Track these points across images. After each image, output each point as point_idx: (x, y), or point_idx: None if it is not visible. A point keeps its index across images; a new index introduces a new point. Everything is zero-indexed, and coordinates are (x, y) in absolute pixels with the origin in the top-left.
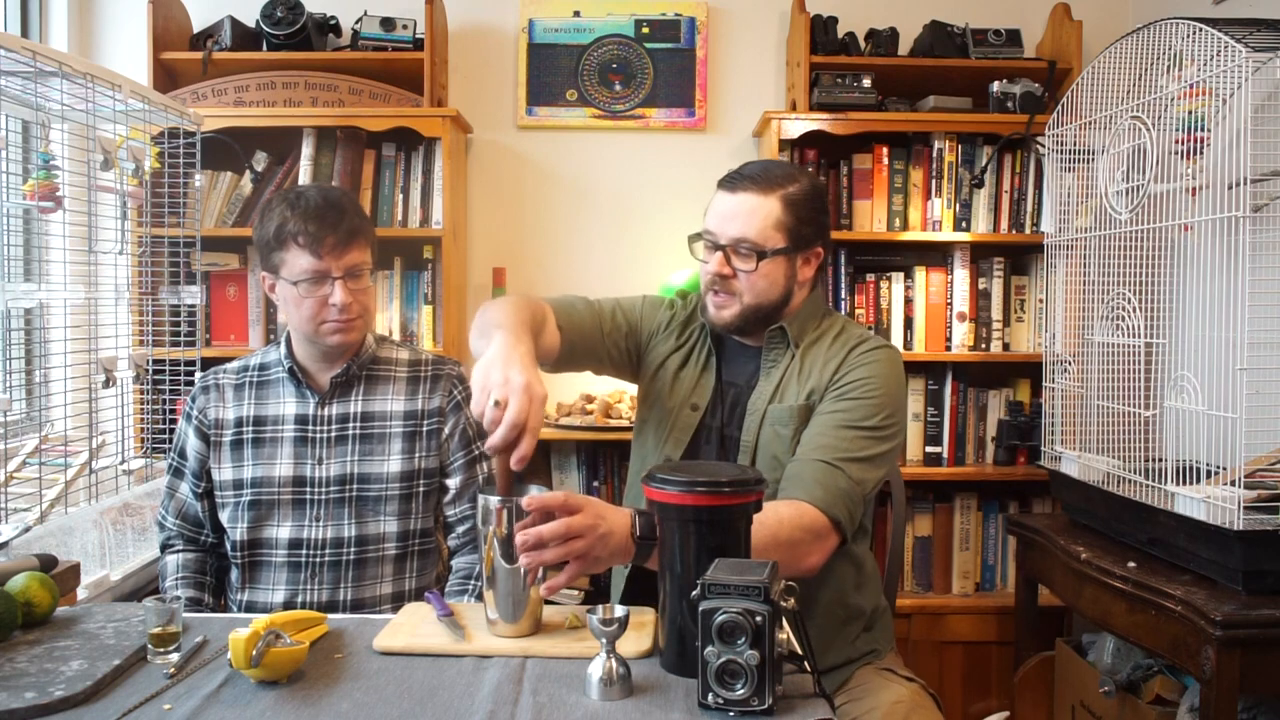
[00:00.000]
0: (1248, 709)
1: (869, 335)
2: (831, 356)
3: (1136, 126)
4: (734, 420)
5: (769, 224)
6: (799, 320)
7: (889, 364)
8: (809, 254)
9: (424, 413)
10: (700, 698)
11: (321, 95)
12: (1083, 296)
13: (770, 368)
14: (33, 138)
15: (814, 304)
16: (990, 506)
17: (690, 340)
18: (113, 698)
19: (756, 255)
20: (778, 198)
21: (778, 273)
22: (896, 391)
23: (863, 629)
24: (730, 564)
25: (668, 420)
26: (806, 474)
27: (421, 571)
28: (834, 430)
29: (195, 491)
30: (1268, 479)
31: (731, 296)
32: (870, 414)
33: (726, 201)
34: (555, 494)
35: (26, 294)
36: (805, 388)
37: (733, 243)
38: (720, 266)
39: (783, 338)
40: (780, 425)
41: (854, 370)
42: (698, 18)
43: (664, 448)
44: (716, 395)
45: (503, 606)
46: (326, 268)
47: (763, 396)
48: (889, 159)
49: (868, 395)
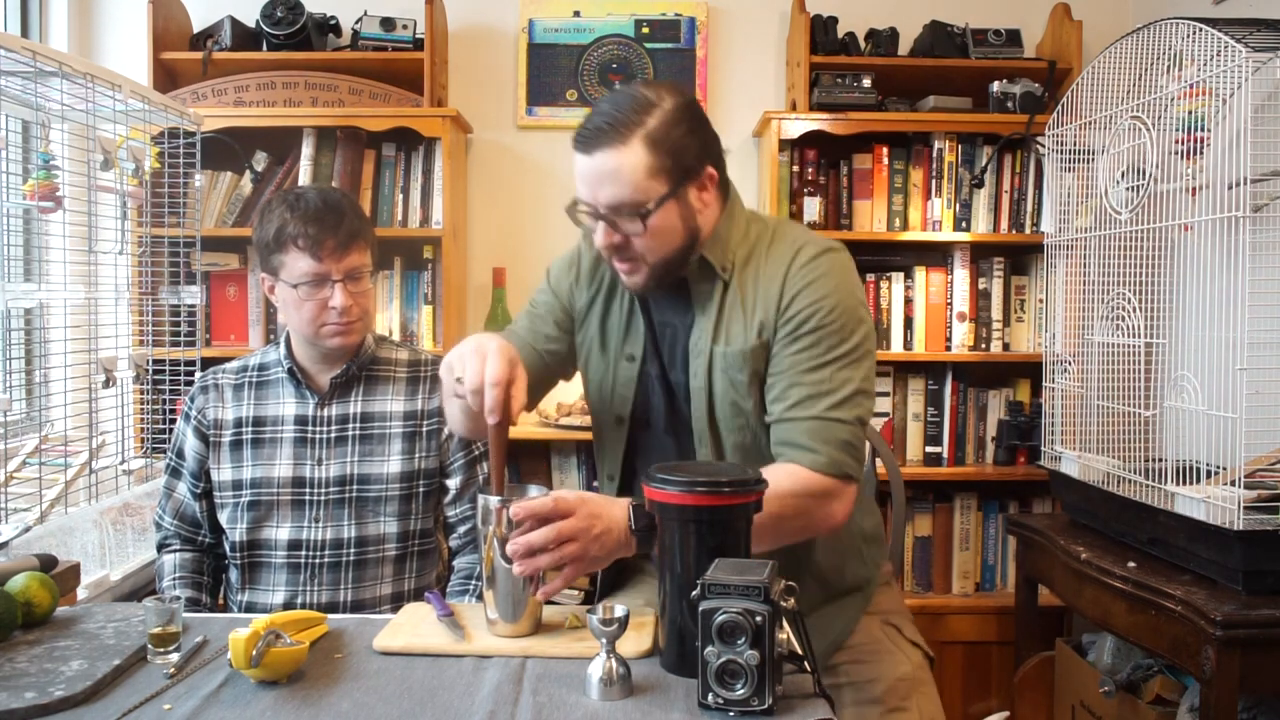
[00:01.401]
0: (1248, 709)
1: (803, 238)
2: (771, 279)
3: (1136, 126)
4: (676, 364)
5: (640, 176)
6: (718, 245)
7: (838, 273)
8: (700, 180)
9: (424, 413)
10: (700, 698)
11: (321, 95)
12: (1083, 296)
13: (704, 302)
14: (33, 138)
15: (730, 220)
16: (990, 506)
17: (604, 283)
18: (113, 698)
19: (640, 215)
20: (639, 141)
21: (672, 219)
22: (854, 301)
23: (874, 545)
24: (730, 564)
25: (608, 378)
26: (799, 436)
27: (421, 572)
28: (807, 375)
29: (193, 491)
30: (1268, 479)
31: (634, 262)
32: (838, 340)
33: (585, 165)
34: (544, 499)
35: (26, 294)
36: (752, 323)
37: (609, 210)
38: (607, 238)
39: (707, 268)
40: (735, 371)
41: (802, 295)
42: (698, 18)
43: (611, 408)
44: (651, 339)
45: (502, 607)
46: (326, 270)
47: (704, 335)
48: (889, 159)
49: (828, 321)
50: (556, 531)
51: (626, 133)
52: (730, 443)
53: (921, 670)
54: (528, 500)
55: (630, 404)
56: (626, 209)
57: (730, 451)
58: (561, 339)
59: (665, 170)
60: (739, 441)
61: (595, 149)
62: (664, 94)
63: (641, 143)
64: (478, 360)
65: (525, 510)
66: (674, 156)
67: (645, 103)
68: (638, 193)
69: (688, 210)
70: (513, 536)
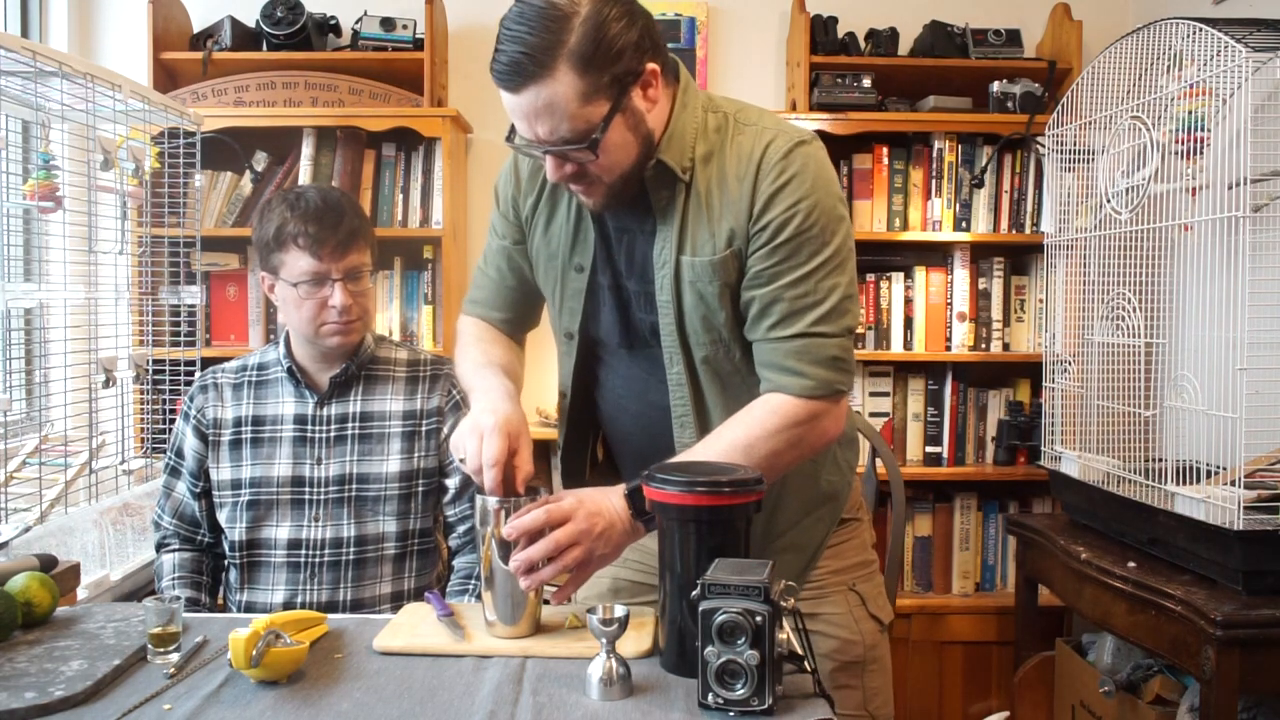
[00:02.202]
0: (1248, 709)
1: (771, 129)
2: (739, 179)
3: (1136, 126)
4: (634, 273)
5: (575, 105)
6: (675, 143)
7: (813, 169)
8: (641, 82)
9: (423, 412)
10: (700, 698)
11: (321, 95)
12: (1083, 296)
13: (665, 208)
14: (33, 138)
15: (684, 111)
16: (990, 506)
17: (546, 187)
18: (113, 698)
19: (587, 145)
20: (565, 66)
21: (622, 135)
22: (832, 199)
23: (848, 449)
24: (730, 564)
25: (556, 290)
26: (785, 358)
27: (421, 571)
28: (788, 290)
29: (192, 491)
30: (1268, 479)
31: (590, 184)
32: (820, 245)
33: (512, 101)
34: (535, 514)
35: (26, 294)
36: (720, 230)
37: (553, 145)
38: (558, 170)
39: (665, 171)
40: (704, 283)
41: (777, 200)
42: (698, 18)
43: (561, 320)
44: (603, 247)
45: (501, 608)
46: (326, 270)
47: (668, 245)
48: (889, 159)
49: (806, 226)
50: (554, 543)
51: (547, 60)
52: (700, 356)
53: (875, 648)
54: (517, 518)
55: (579, 317)
56: (571, 140)
57: (700, 366)
58: (524, 259)
59: (602, 88)
60: (709, 355)
61: (519, 86)
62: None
63: (568, 67)
64: (475, 441)
65: (516, 530)
66: (608, 68)
67: (560, 15)
68: (578, 121)
69: (636, 118)
70: (513, 553)
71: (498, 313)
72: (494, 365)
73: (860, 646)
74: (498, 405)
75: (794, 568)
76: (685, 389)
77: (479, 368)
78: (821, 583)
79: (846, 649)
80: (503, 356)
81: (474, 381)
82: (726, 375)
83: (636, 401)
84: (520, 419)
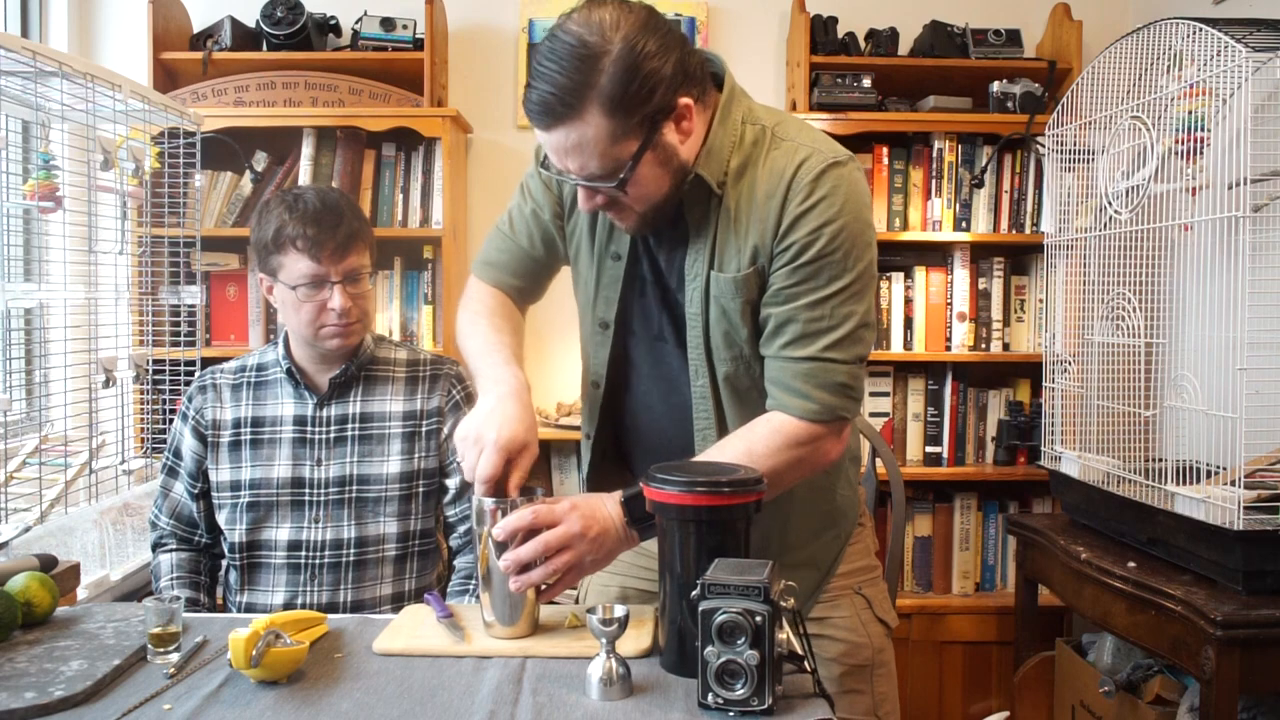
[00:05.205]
0: (1248, 709)
1: (806, 146)
2: (768, 195)
3: (1136, 126)
4: (673, 272)
5: (604, 145)
6: (712, 157)
7: (845, 192)
8: (674, 116)
9: (423, 413)
10: (700, 698)
11: (321, 95)
12: (1083, 296)
13: (698, 221)
14: (33, 138)
15: (723, 125)
16: (990, 506)
17: None
18: (113, 698)
19: (616, 183)
20: (595, 107)
21: (653, 169)
22: (861, 224)
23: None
24: (730, 564)
25: (593, 277)
26: (792, 379)
27: (421, 572)
28: (804, 311)
29: (190, 492)
30: (1268, 479)
31: (622, 211)
32: (840, 271)
33: (545, 138)
34: (522, 513)
35: (26, 294)
36: (745, 246)
37: (584, 179)
38: (589, 201)
39: (701, 184)
40: (727, 299)
41: (803, 221)
42: (698, 18)
43: (595, 309)
44: (639, 241)
45: (499, 609)
46: (325, 272)
47: (700, 258)
48: (889, 159)
49: (829, 250)
50: (544, 545)
51: (576, 102)
52: (722, 374)
53: (883, 652)
54: (507, 519)
55: (615, 305)
56: (600, 177)
57: (721, 383)
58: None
59: (632, 128)
60: (730, 372)
61: (552, 127)
62: (609, 30)
63: (597, 108)
64: (474, 452)
65: (505, 531)
66: (639, 109)
67: (590, 55)
68: (607, 160)
69: (668, 153)
70: (505, 553)
71: (514, 279)
72: (505, 349)
73: (869, 650)
74: (507, 415)
75: (810, 583)
76: (709, 402)
77: (490, 349)
78: (829, 588)
79: (855, 652)
80: (511, 340)
81: (482, 366)
82: (745, 391)
83: (662, 401)
84: (526, 429)
